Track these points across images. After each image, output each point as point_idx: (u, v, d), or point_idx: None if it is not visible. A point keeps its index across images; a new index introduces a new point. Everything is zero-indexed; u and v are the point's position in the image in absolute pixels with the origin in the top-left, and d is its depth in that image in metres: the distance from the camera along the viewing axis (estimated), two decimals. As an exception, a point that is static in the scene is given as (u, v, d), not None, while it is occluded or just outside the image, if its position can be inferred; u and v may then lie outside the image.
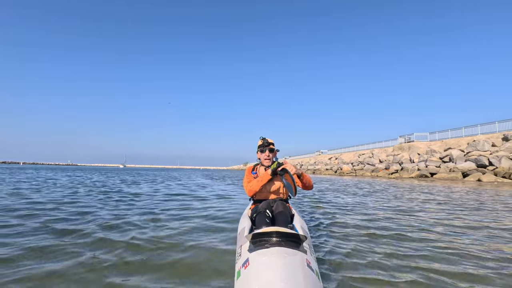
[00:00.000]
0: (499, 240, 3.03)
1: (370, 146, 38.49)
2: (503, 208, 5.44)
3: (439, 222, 3.98)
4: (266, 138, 2.76)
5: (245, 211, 2.87)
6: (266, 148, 2.71)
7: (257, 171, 2.81)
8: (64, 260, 2.26)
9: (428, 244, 2.82)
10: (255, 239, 1.49)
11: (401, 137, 31.30)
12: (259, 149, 2.76)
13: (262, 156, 2.74)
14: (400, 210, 5.12)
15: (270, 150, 2.72)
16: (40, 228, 3.29)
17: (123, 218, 3.92)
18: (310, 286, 1.23)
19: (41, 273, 1.98)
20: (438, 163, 20.80)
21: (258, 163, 2.88)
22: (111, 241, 2.78)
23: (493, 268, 2.18)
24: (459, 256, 2.46)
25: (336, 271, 2.05)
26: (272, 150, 2.73)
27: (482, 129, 22.94)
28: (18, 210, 4.38)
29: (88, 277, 1.96)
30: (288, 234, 1.47)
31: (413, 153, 25.46)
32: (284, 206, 2.44)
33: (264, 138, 2.76)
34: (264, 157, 2.72)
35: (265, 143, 2.72)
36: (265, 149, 2.71)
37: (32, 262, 2.20)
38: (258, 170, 2.82)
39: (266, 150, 2.71)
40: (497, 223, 3.90)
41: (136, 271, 2.07)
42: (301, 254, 1.41)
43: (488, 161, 17.14)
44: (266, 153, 2.71)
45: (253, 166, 2.89)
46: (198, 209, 4.96)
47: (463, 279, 1.97)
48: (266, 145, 2.71)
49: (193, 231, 3.26)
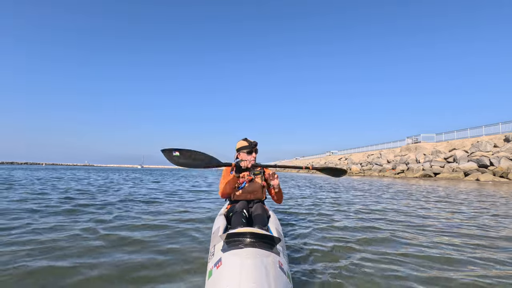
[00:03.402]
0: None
1: (378, 147, 39.39)
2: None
3: (408, 219, 4.39)
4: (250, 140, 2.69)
5: (221, 210, 2.82)
6: (254, 150, 2.64)
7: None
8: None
9: (399, 242, 2.88)
10: (229, 239, 1.48)
11: (408, 138, 32.19)
12: (245, 150, 2.63)
13: (248, 158, 2.63)
14: (389, 212, 4.89)
15: (256, 152, 2.67)
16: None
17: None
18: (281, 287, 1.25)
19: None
20: (443, 163, 21.72)
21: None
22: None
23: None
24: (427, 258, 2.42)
25: (308, 274, 2.03)
26: (257, 151, 2.68)
27: (486, 130, 23.69)
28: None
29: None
30: (262, 236, 1.47)
31: (419, 153, 26.35)
32: (262, 207, 2.45)
33: (248, 140, 2.69)
34: (251, 159, 2.64)
35: (252, 145, 2.63)
36: (252, 151, 2.64)
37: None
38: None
39: (253, 152, 2.65)
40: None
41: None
42: (274, 256, 1.42)
43: (489, 161, 18.04)
44: (253, 155, 2.64)
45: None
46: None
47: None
48: (253, 146, 2.63)
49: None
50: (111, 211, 4.44)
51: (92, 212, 4.35)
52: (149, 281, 1.87)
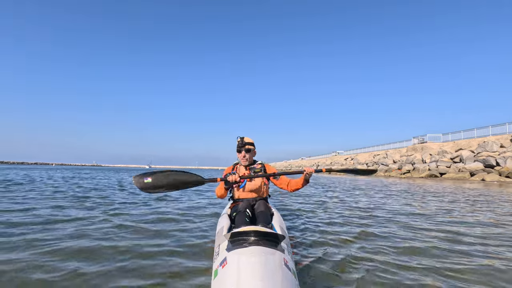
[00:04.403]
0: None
1: (385, 147, 39.34)
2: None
3: (397, 216, 4.81)
4: (243, 138, 2.71)
5: (225, 210, 2.83)
6: (243, 149, 2.67)
7: (237, 171, 2.75)
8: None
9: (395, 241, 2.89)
10: (233, 238, 1.49)
11: (414, 138, 32.17)
12: (236, 149, 2.71)
13: (239, 156, 2.71)
14: (391, 213, 4.97)
15: (246, 151, 2.67)
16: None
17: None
18: (287, 285, 1.26)
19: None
20: (449, 163, 21.75)
21: (237, 162, 2.85)
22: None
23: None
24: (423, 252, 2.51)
25: (313, 271, 2.04)
26: (249, 150, 2.68)
27: (493, 130, 23.60)
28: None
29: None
30: (267, 234, 1.48)
31: (425, 153, 26.36)
32: (265, 205, 2.47)
33: (242, 138, 2.71)
34: (241, 157, 2.70)
35: (240, 144, 2.67)
36: (241, 149, 2.67)
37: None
38: (238, 170, 2.77)
39: (242, 151, 2.67)
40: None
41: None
42: (279, 253, 1.43)
43: (496, 161, 18.07)
44: (242, 154, 2.68)
45: (233, 166, 2.85)
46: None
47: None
48: (241, 145, 2.67)
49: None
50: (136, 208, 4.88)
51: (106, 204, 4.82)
52: (154, 282, 1.87)
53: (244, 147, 2.66)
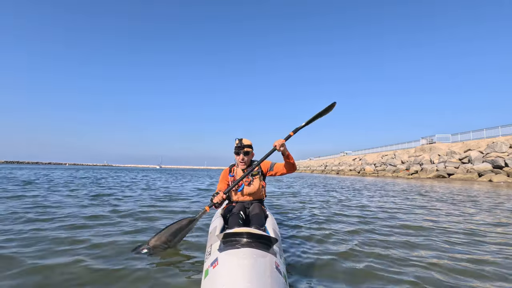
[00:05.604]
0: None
1: (393, 148, 39.21)
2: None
3: (395, 218, 5.27)
4: (242, 140, 2.63)
5: (219, 210, 2.77)
6: (241, 151, 2.60)
7: (234, 173, 2.70)
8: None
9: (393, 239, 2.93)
10: (226, 238, 1.49)
11: (423, 138, 32.02)
12: (234, 151, 2.65)
13: (237, 159, 2.64)
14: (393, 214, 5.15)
15: (245, 153, 2.60)
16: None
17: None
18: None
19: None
20: (457, 164, 21.71)
21: (234, 163, 2.78)
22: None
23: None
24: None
25: (304, 275, 2.02)
26: (248, 153, 2.62)
27: (503, 131, 23.38)
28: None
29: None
30: (259, 236, 1.47)
31: (433, 154, 26.28)
32: (260, 207, 2.45)
33: (241, 139, 2.64)
34: (239, 160, 2.63)
35: (239, 145, 2.60)
36: (240, 152, 2.60)
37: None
38: (236, 172, 2.71)
39: (240, 153, 2.60)
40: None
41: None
42: (271, 256, 1.42)
43: (504, 162, 18.00)
44: (240, 156, 2.61)
45: (229, 167, 2.78)
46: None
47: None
48: (240, 147, 2.60)
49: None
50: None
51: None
52: (144, 280, 1.85)
53: (242, 150, 2.61)
